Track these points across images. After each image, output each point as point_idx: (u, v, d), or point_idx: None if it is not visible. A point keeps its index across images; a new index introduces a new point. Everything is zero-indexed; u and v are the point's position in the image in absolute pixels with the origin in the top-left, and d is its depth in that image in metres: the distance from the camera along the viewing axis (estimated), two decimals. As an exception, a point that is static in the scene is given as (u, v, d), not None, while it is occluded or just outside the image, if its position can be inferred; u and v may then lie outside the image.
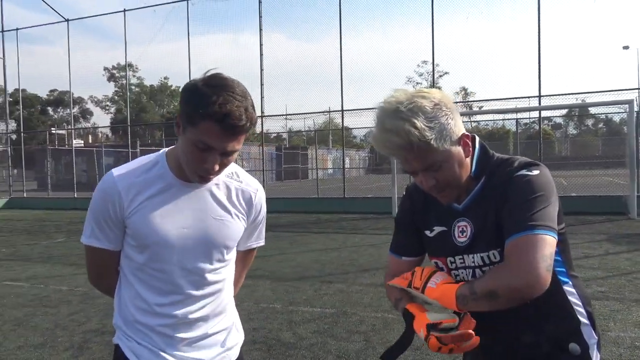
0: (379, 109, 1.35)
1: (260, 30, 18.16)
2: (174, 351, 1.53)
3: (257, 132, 21.45)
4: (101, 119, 63.13)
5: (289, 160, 37.98)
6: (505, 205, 1.33)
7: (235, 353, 1.67)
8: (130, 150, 22.09)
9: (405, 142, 1.29)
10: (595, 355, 1.40)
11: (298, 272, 7.11)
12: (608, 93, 14.83)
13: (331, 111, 22.51)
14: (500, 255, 1.36)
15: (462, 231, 1.44)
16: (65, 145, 34.89)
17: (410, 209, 1.58)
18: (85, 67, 27.17)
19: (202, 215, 1.52)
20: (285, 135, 40.62)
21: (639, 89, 27.87)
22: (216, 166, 1.40)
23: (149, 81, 60.10)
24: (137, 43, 26.96)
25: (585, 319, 1.42)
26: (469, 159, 1.42)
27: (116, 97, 60.73)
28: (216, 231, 1.53)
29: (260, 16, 18.13)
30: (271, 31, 21.38)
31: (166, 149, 1.57)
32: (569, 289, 1.42)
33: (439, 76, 32.21)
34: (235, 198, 1.59)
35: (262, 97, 18.18)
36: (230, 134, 1.35)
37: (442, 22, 20.15)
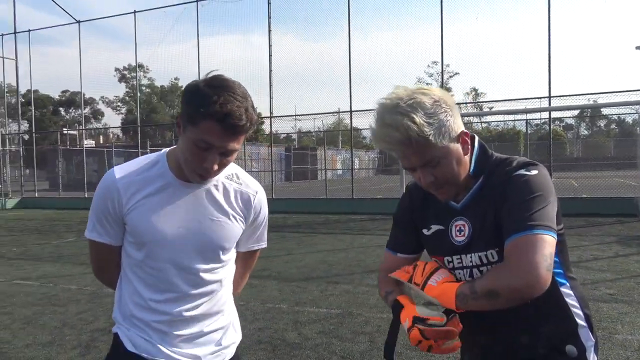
0: (380, 104, 1.36)
1: (269, 31, 18.20)
2: (170, 346, 1.56)
3: (267, 133, 21.51)
4: (112, 120, 63.65)
5: (298, 160, 38.02)
6: (504, 205, 1.33)
7: (231, 352, 1.68)
8: (141, 150, 22.20)
9: (404, 137, 1.30)
10: (592, 357, 1.39)
11: (305, 273, 7.12)
12: (620, 94, 14.71)
13: (340, 112, 22.50)
14: (498, 255, 1.36)
15: (460, 230, 1.44)
16: (77, 146, 35.26)
17: (410, 206, 1.59)
18: (96, 68, 27.54)
19: (199, 216, 1.53)
20: (294, 136, 40.71)
21: (651, 89, 27.51)
22: (215, 165, 1.42)
23: (160, 82, 60.45)
24: (148, 44, 27.09)
25: (582, 321, 1.41)
26: (467, 157, 1.42)
27: (127, 98, 61.11)
28: (212, 232, 1.55)
29: (269, 17, 18.18)
30: (280, 32, 21.49)
31: (167, 149, 1.59)
32: (566, 290, 1.42)
33: (449, 77, 32.09)
34: (234, 199, 1.59)
35: (271, 98, 18.24)
36: (231, 133, 1.38)
37: (452, 23, 20.11)
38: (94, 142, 44.84)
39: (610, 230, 10.57)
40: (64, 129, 47.99)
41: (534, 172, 1.35)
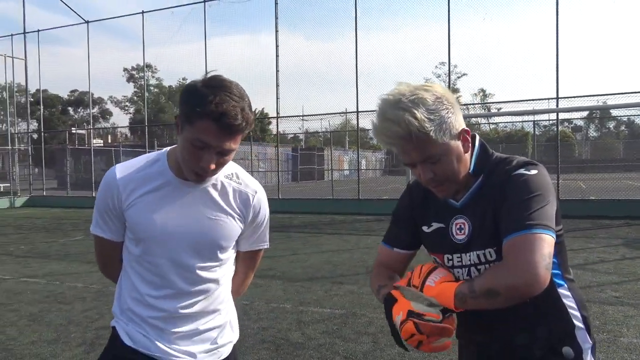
0: (382, 100, 1.37)
1: (277, 31, 18.22)
2: (166, 342, 1.57)
3: (273, 133, 21.52)
4: (120, 119, 63.93)
5: (305, 161, 38.03)
6: (504, 204, 1.33)
7: (227, 351, 1.69)
8: (148, 150, 22.29)
9: (404, 132, 1.30)
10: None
11: (309, 273, 7.13)
12: (630, 95, 14.59)
13: (347, 112, 22.49)
14: (497, 253, 1.36)
15: (460, 228, 1.44)
16: (85, 145, 35.45)
17: (410, 204, 1.59)
18: (104, 68, 27.71)
19: (197, 214, 1.55)
20: (301, 136, 40.73)
21: (661, 91, 27.33)
22: (212, 165, 1.43)
23: (168, 82, 60.67)
24: (156, 44, 27.18)
25: (580, 323, 1.40)
26: (468, 155, 1.42)
27: (135, 98, 61.39)
28: (209, 230, 1.56)
29: (277, 17, 18.21)
30: (288, 32, 21.49)
31: (168, 148, 1.61)
32: (563, 291, 1.41)
33: (457, 77, 31.97)
34: (232, 199, 1.60)
35: (278, 98, 18.24)
36: (227, 132, 1.39)
37: (460, 23, 20.04)
38: (102, 142, 45.05)
39: (618, 233, 10.48)
40: (73, 129, 48.24)
41: (534, 172, 1.35)
